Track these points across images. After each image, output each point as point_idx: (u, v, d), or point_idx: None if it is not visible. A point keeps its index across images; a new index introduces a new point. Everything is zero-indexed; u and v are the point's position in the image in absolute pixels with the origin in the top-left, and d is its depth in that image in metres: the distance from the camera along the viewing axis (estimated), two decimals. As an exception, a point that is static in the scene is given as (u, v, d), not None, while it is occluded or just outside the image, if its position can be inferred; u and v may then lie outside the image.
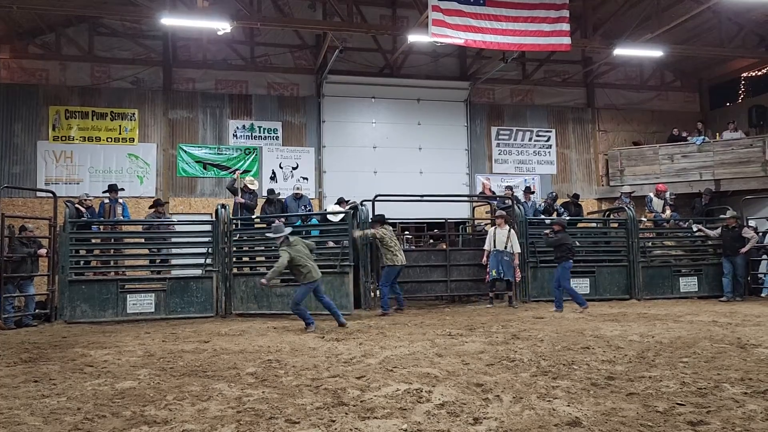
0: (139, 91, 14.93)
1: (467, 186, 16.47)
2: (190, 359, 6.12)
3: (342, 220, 11.44)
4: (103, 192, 12.11)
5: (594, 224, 14.90)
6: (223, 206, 11.33)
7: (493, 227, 11.52)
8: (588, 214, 15.48)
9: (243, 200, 11.78)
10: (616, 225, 13.71)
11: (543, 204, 14.08)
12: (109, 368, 5.70)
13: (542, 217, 13.25)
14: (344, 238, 10.82)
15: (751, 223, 13.28)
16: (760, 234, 12.99)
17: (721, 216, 12.72)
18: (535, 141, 17.30)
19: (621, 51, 14.51)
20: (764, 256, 13.10)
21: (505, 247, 11.13)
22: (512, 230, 11.39)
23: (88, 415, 4.04)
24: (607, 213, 15.27)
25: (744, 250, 12.17)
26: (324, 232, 11.54)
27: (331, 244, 11.25)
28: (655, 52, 14.87)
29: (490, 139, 17.01)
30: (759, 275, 13.20)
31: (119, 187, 12.27)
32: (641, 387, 4.54)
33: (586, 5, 14.60)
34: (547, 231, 10.84)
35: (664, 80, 18.32)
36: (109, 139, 14.62)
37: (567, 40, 12.69)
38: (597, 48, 15.32)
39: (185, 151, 15.00)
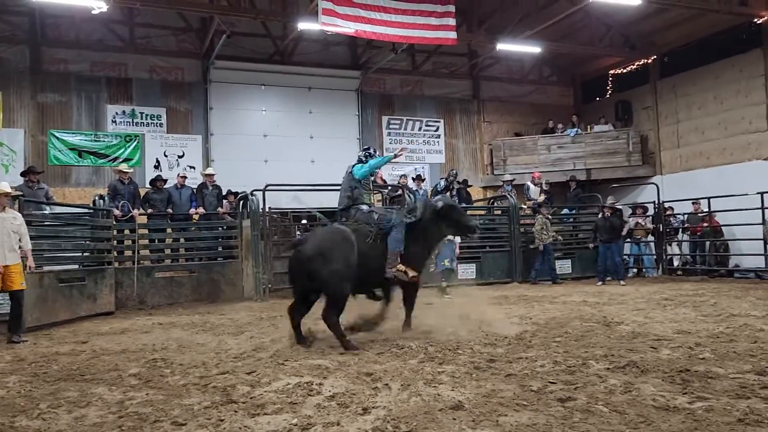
0: (3, 72, 13.64)
1: (358, 175, 16.57)
2: (65, 362, 5.77)
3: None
4: (-38, 182, 11.00)
5: (480, 211, 15.56)
6: (101, 197, 10.72)
7: None
8: (474, 202, 16.14)
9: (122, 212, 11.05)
10: (499, 212, 14.44)
11: (444, 182, 14.39)
12: (-28, 377, 5.25)
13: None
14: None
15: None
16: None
17: (609, 204, 13.58)
18: (424, 131, 17.74)
19: (503, 46, 15.21)
20: (628, 240, 14.31)
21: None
22: None
23: (-52, 431, 3.72)
24: (491, 201, 16.02)
25: (624, 233, 13.33)
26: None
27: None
28: (534, 48, 15.71)
29: (381, 129, 17.25)
30: (624, 258, 14.43)
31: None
32: (518, 368, 4.86)
33: (471, 0, 15.12)
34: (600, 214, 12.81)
35: (542, 75, 19.39)
36: (-32, 124, 13.30)
37: (453, 35, 13.12)
38: (481, 42, 15.94)
39: (57, 138, 13.94)
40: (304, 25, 13.04)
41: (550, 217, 13.54)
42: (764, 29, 14.11)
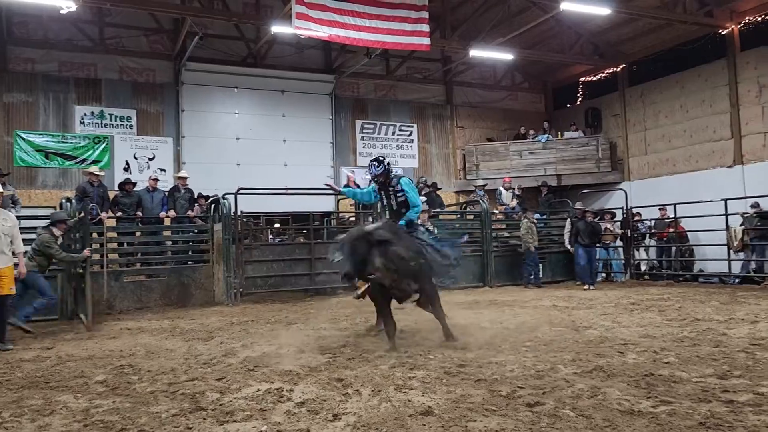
0: (-33, 71, 13.34)
1: (332, 178, 16.57)
2: (29, 369, 5.65)
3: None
4: None
5: (453, 216, 15.66)
6: (68, 199, 10.51)
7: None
8: (446, 206, 16.23)
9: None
10: (471, 217, 14.55)
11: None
12: (-69, 385, 5.11)
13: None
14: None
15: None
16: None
17: (578, 207, 13.76)
18: (398, 135, 17.81)
19: (476, 52, 15.37)
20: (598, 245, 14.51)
21: None
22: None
23: None
24: (463, 205, 16.14)
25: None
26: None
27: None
28: (506, 55, 15.91)
29: (354, 133, 17.25)
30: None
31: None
32: (488, 372, 4.90)
33: (444, 6, 15.26)
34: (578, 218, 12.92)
35: (514, 81, 19.62)
36: (-71, 123, 12.93)
37: (426, 41, 13.22)
38: (454, 48, 16.09)
39: (24, 139, 13.64)
40: (278, 29, 13.00)
41: (535, 221, 13.67)
42: (728, 40, 14.51)
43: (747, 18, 14.10)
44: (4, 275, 6.97)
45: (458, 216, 15.53)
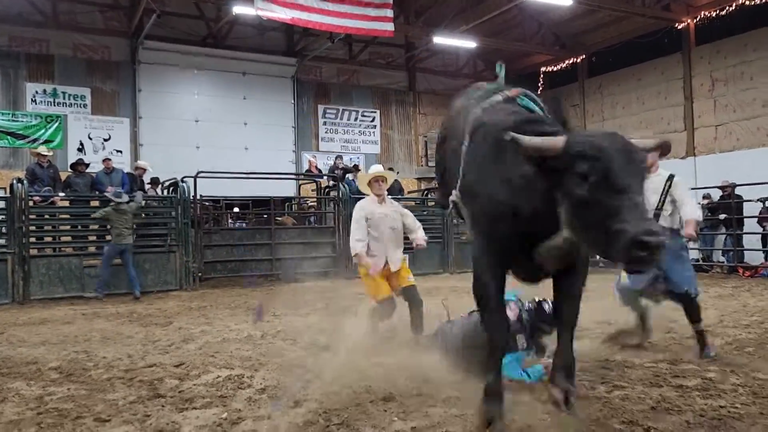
0: None
1: (293, 163, 16.45)
2: (-22, 356, 5.47)
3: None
4: None
5: (413, 203, 15.70)
6: (20, 180, 10.15)
7: None
8: (408, 193, 16.28)
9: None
10: (433, 204, 14.62)
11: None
12: None
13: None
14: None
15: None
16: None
17: None
18: (360, 121, 17.75)
19: (439, 39, 15.41)
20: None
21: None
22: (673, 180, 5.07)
23: None
24: (425, 192, 16.20)
25: None
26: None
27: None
28: (469, 43, 15.99)
29: (316, 117, 17.12)
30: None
31: None
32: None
33: (409, -8, 15.23)
34: None
35: (476, 69, 19.70)
36: None
37: (390, 27, 13.17)
38: (418, 35, 16.09)
39: (-30, 116, 13.10)
40: (240, 9, 12.77)
41: None
42: (684, 35, 14.88)
43: (702, 13, 14.47)
44: (402, 268, 6.15)
45: (419, 203, 15.58)
